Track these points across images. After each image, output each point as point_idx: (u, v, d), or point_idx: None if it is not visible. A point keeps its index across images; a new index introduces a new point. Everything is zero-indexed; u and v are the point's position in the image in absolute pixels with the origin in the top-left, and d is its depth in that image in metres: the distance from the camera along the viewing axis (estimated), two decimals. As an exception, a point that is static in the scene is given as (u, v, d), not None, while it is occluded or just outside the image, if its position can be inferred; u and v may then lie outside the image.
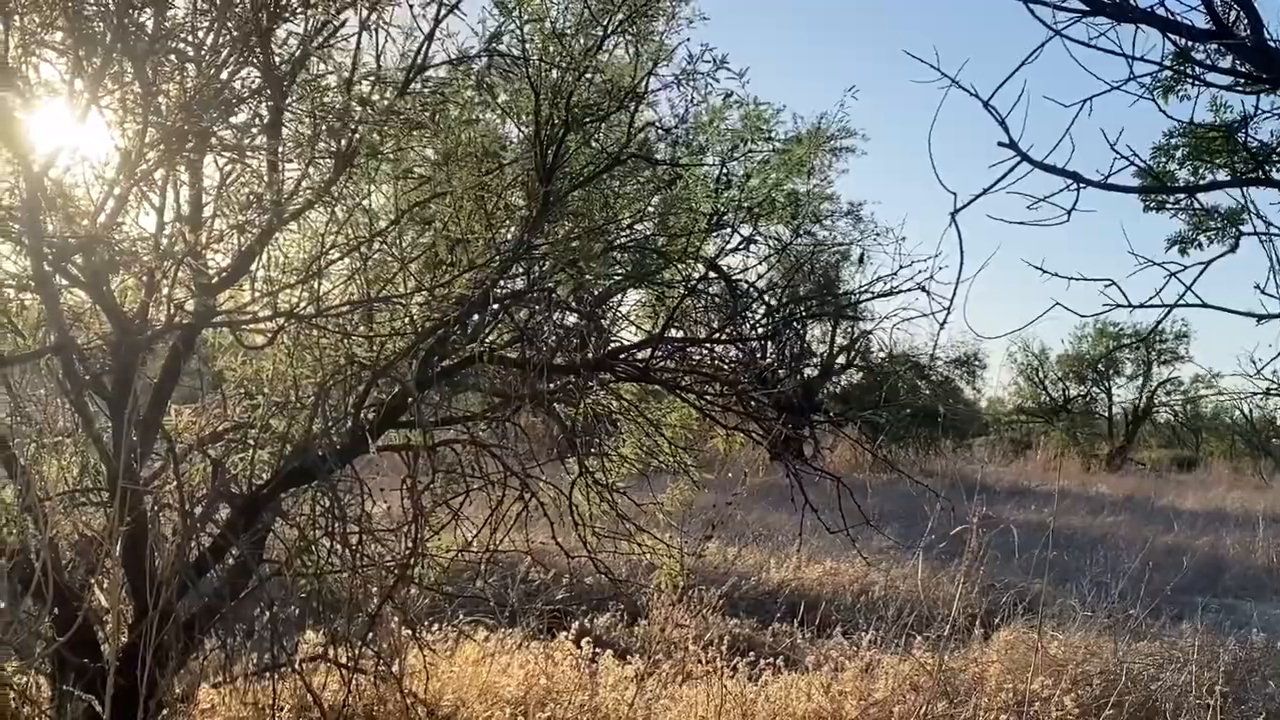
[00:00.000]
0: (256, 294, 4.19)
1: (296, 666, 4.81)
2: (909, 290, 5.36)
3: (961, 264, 3.60)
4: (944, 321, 4.27)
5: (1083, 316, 4.08)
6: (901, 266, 5.40)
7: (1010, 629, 7.35)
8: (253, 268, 4.13)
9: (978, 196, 3.49)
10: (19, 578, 3.59)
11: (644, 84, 5.23)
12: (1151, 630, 7.67)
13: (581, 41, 5.07)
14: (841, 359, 26.31)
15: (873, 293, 6.16)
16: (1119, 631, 7.24)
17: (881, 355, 26.16)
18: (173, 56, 3.80)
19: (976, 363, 28.31)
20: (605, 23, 4.95)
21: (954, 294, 3.69)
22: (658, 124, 6.06)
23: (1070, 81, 3.67)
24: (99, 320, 4.07)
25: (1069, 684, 6.07)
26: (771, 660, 6.63)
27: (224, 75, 3.82)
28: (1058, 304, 3.68)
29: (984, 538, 7.35)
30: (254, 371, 4.56)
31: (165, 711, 4.35)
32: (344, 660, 4.79)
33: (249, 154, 3.99)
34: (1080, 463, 31.82)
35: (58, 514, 4.01)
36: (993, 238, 5.13)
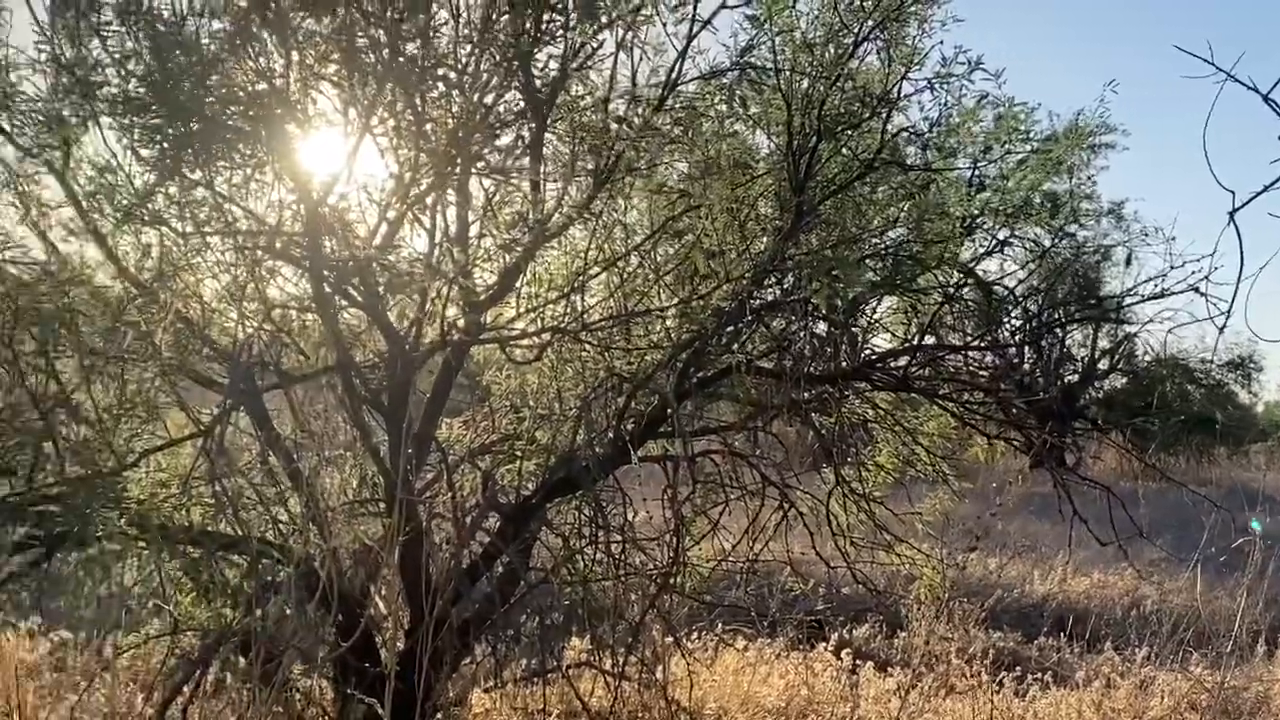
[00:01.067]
0: (520, 310, 4.32)
1: (564, 672, 4.93)
2: (1181, 292, 5.09)
3: (1241, 264, 3.41)
4: (1224, 325, 4.06)
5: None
6: (1172, 267, 5.14)
7: (1298, 646, 6.93)
8: (517, 284, 4.26)
9: (1258, 194, 3.29)
10: (304, 585, 3.77)
11: (896, 90, 5.16)
12: None
13: (832, 50, 5.04)
14: (1104, 363, 25.27)
15: (1141, 295, 5.89)
16: None
17: (1148, 359, 25.00)
18: (440, 84, 3.95)
19: (1252, 365, 26.72)
20: (856, 30, 4.91)
21: (1234, 295, 3.50)
22: (910, 129, 5.96)
23: (1355, 72, 3.43)
24: (375, 338, 4.27)
25: (1368, 706, 5.68)
26: (1038, 675, 6.45)
27: (488, 100, 3.95)
28: (1349, 302, 3.45)
29: (1267, 549, 6.94)
30: (519, 385, 4.71)
31: (440, 715, 4.52)
32: (609, 667, 4.89)
33: (513, 175, 4.12)
34: (1372, 469, 29.66)
35: (339, 524, 4.21)
36: (1275, 234, 4.85)
